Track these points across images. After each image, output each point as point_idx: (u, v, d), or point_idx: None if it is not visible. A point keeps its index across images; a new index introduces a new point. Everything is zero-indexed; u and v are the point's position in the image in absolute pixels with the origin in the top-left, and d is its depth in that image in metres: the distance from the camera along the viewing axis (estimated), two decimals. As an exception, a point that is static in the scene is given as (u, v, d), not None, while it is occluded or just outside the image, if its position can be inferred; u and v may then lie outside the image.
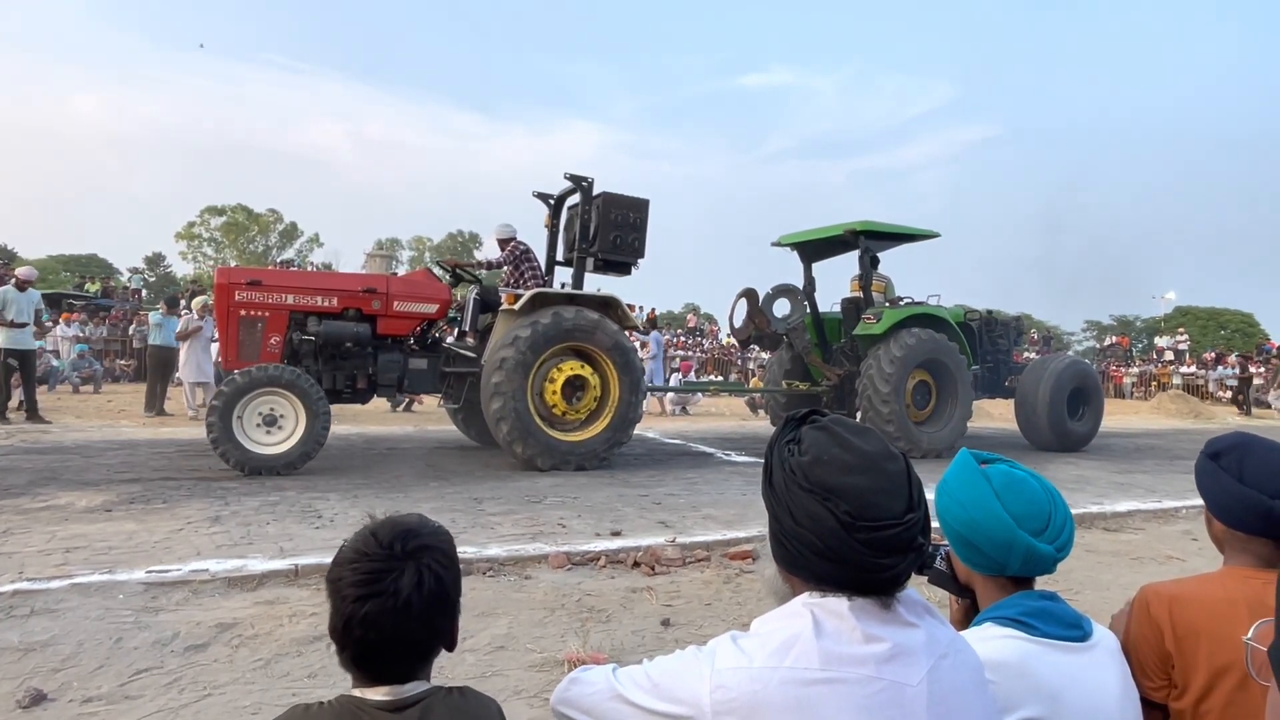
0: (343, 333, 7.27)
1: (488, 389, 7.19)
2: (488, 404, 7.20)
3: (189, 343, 11.25)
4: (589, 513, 5.48)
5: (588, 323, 7.52)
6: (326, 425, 6.78)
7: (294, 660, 2.96)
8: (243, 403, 6.49)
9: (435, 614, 1.12)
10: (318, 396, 6.68)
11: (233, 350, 7.02)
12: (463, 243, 55.85)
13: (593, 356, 7.70)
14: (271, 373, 6.60)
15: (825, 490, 0.99)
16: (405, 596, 1.09)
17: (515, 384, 7.12)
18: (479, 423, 8.54)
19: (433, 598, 1.11)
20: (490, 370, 7.19)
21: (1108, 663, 1.23)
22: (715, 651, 1.01)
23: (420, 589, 1.10)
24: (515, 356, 7.14)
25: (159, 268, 51.76)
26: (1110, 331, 46.23)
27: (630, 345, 7.94)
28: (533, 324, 7.27)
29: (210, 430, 6.40)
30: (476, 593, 3.73)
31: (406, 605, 1.09)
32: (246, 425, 6.55)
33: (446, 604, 1.14)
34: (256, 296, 7.06)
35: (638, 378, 7.83)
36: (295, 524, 4.86)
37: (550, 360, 7.52)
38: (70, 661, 2.86)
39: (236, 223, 49.82)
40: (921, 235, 10.28)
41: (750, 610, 3.64)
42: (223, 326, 7.13)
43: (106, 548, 4.22)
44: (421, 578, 1.10)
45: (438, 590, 1.12)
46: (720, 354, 23.92)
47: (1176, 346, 30.81)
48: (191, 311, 11.72)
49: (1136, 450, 11.00)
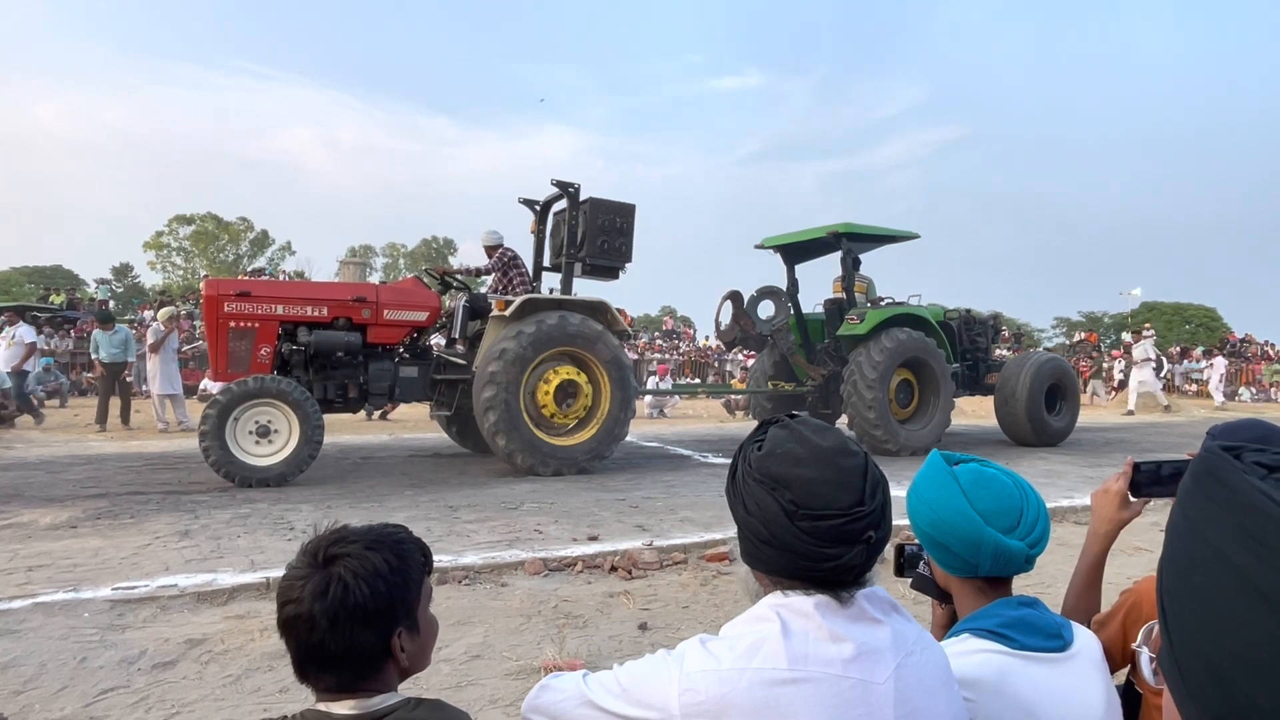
0: (334, 342, 7.22)
1: (482, 377, 7.19)
2: (479, 392, 7.19)
3: (158, 355, 11.05)
4: (566, 518, 5.46)
5: (592, 332, 7.58)
6: (317, 447, 6.75)
7: (265, 675, 2.91)
8: (240, 409, 6.44)
9: (347, 626, 1.07)
10: (316, 417, 6.66)
11: (223, 362, 6.95)
12: (437, 249, 55.47)
13: (590, 366, 7.73)
14: (265, 385, 6.54)
15: (773, 480, 1.01)
16: (308, 606, 1.07)
17: (511, 376, 7.14)
18: (470, 431, 8.55)
19: (339, 609, 1.06)
20: (488, 359, 7.20)
21: (1090, 673, 1.20)
22: (684, 655, 1.01)
23: (323, 599, 1.06)
24: (516, 349, 7.17)
25: (127, 278, 50.84)
26: (1079, 328, 47.05)
27: (628, 362, 7.99)
28: (539, 322, 7.31)
29: (202, 434, 6.35)
30: (452, 601, 3.70)
31: (310, 615, 1.06)
32: (239, 433, 6.49)
33: (361, 616, 1.07)
34: (246, 308, 7.00)
35: (630, 395, 7.86)
36: (266, 536, 4.79)
37: (547, 362, 7.55)
38: (33, 683, 2.79)
39: (206, 231, 48.99)
40: (902, 236, 10.44)
41: (727, 612, 3.64)
42: (212, 338, 7.03)
43: (71, 565, 4.12)
44: (328, 587, 1.07)
45: (344, 600, 1.06)
46: (697, 356, 23.97)
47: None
48: (158, 323, 11.52)
49: (1106, 444, 11.19)
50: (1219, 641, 0.46)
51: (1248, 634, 0.44)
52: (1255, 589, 0.44)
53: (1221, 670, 0.45)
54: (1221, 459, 0.50)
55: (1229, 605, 0.45)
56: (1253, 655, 0.43)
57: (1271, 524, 0.44)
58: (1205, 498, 0.50)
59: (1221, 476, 0.49)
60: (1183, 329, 46.10)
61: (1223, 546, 0.46)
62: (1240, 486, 0.47)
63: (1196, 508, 0.50)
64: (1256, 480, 0.46)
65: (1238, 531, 0.46)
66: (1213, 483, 0.49)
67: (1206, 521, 0.49)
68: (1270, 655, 0.42)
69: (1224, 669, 0.45)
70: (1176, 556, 0.51)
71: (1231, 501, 0.47)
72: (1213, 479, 0.50)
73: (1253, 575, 0.44)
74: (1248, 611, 0.44)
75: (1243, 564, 0.45)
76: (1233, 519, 0.46)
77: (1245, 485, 0.47)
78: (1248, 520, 0.45)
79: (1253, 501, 0.46)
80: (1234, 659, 0.44)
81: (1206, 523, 0.49)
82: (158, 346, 11.02)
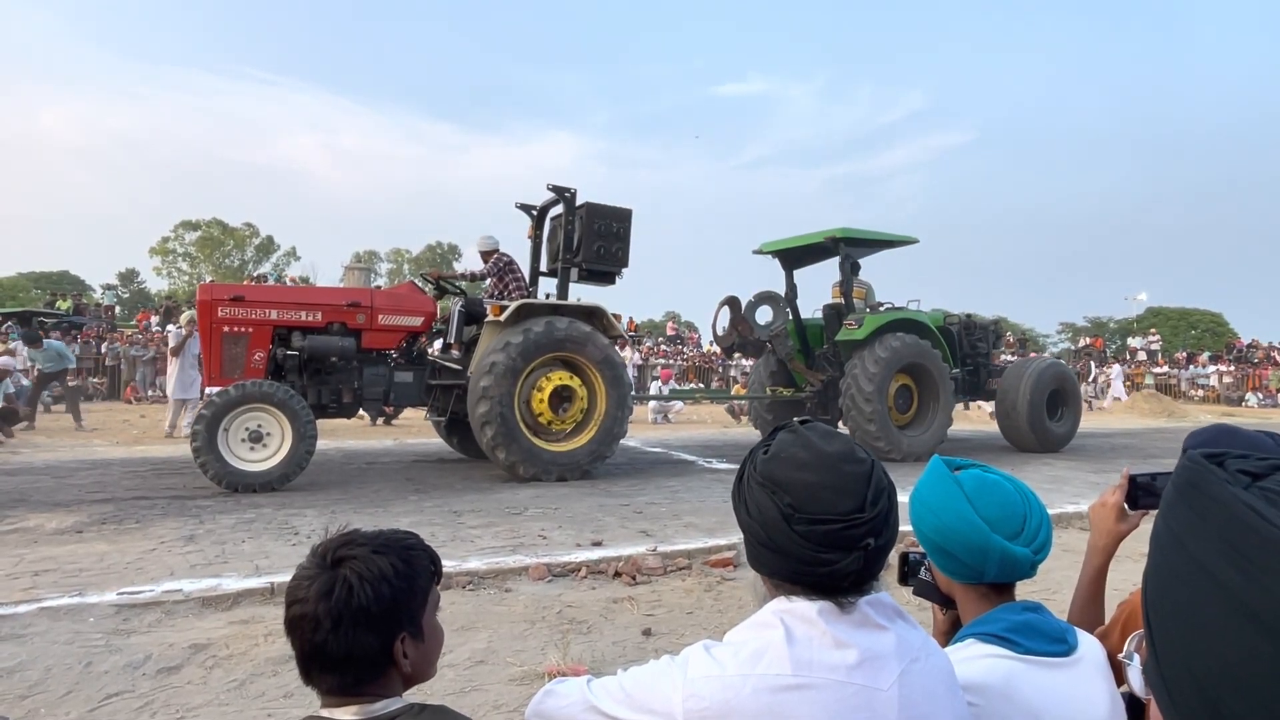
0: (328, 347, 7.22)
1: (475, 392, 7.16)
2: (474, 407, 7.17)
3: (177, 359, 11.03)
4: (570, 523, 5.46)
5: (580, 334, 7.54)
6: (313, 443, 6.74)
7: (269, 680, 2.92)
8: (229, 419, 6.43)
9: (350, 627, 1.07)
10: (305, 414, 6.65)
11: (216, 367, 6.95)
12: (441, 254, 55.56)
13: (582, 369, 7.71)
14: (259, 389, 6.55)
15: (774, 483, 1.02)
16: (312, 606, 1.07)
17: (503, 389, 7.11)
18: (464, 435, 8.53)
19: (343, 609, 1.07)
20: (479, 374, 7.17)
21: (1094, 677, 1.20)
22: (688, 660, 1.01)
23: (327, 599, 1.07)
24: (505, 362, 7.14)
25: (132, 284, 51.06)
26: (1084, 333, 46.90)
27: (620, 360, 7.96)
28: (525, 330, 7.28)
29: (194, 438, 6.35)
30: (456, 606, 3.70)
31: (314, 615, 1.07)
32: (231, 441, 6.49)
33: (364, 618, 1.08)
34: (240, 312, 7.00)
35: (625, 393, 7.83)
36: (271, 541, 4.80)
37: (539, 369, 7.53)
38: (38, 687, 2.80)
39: (211, 237, 49.21)
40: (901, 241, 10.42)
41: (732, 618, 3.63)
42: (206, 343, 7.05)
43: (77, 570, 4.13)
44: (333, 587, 1.08)
45: (347, 601, 1.07)
46: (701, 361, 23.96)
47: (1149, 347, 31.31)
48: (180, 326, 11.54)
49: (1112, 450, 11.15)
50: (1204, 658, 0.45)
51: (1233, 650, 0.43)
52: (1240, 605, 0.43)
53: (1207, 686, 0.44)
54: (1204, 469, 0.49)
55: (1214, 621, 0.44)
56: (1238, 672, 0.43)
57: (1255, 538, 0.43)
58: (1188, 509, 0.48)
59: (1204, 488, 0.47)
60: (1189, 334, 45.92)
61: (1207, 561, 0.45)
62: (1224, 498, 0.46)
63: (1180, 520, 0.49)
64: (1240, 491, 0.45)
65: (1222, 545, 0.44)
66: (1195, 494, 0.48)
67: (1190, 534, 0.47)
68: (1256, 672, 0.42)
69: (1210, 685, 0.44)
70: (1160, 570, 0.50)
71: (1215, 514, 0.46)
72: (1195, 491, 0.48)
73: (1237, 590, 0.43)
74: (1232, 628, 0.43)
75: (1227, 579, 0.44)
76: (1216, 532, 0.45)
77: (1229, 497, 0.45)
78: (1232, 534, 0.44)
79: (1236, 514, 0.44)
80: (1220, 675, 0.44)
81: (1190, 536, 0.47)
82: (178, 350, 10.99)
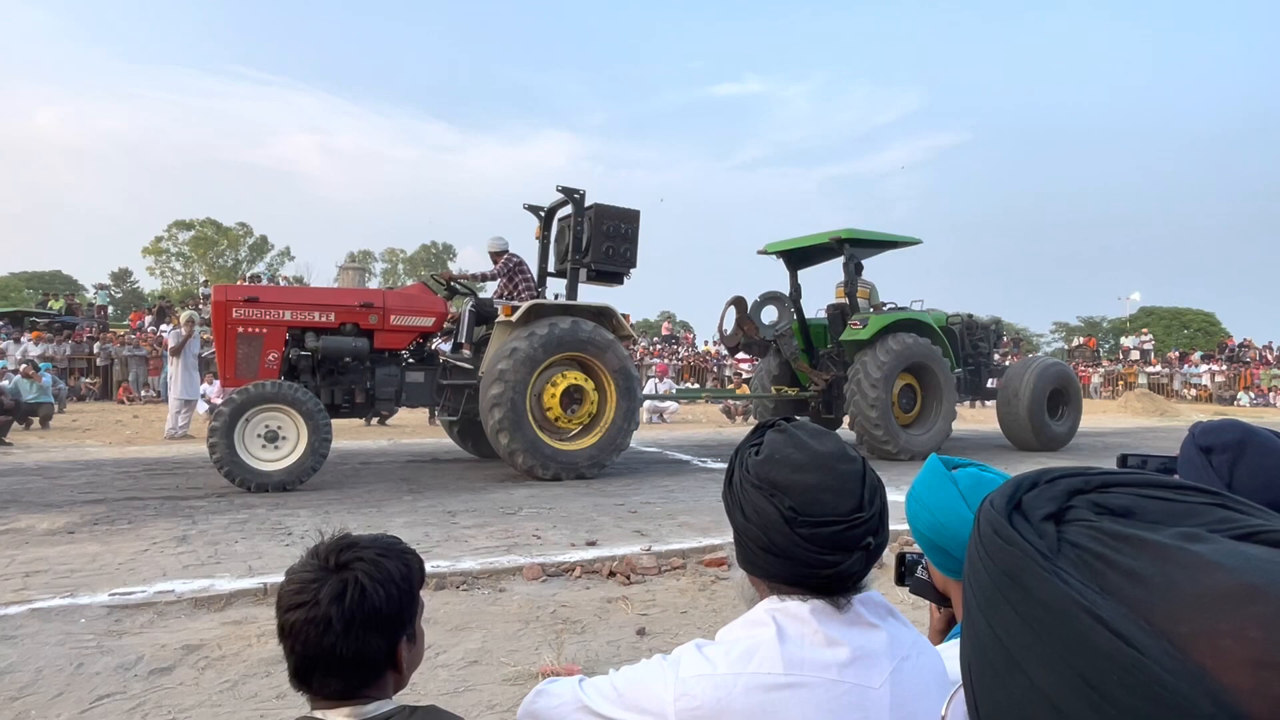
0: (341, 348, 7.25)
1: (490, 375, 7.21)
2: (487, 390, 7.20)
3: (179, 359, 10.97)
4: (564, 523, 5.45)
5: (603, 340, 7.62)
6: (327, 445, 6.75)
7: (262, 681, 2.91)
8: (249, 415, 6.45)
9: (361, 629, 1.07)
10: (320, 414, 6.67)
11: (231, 368, 6.97)
12: (436, 254, 55.45)
13: (597, 373, 7.76)
14: (275, 389, 6.57)
15: (772, 486, 1.00)
16: (324, 608, 1.07)
17: (519, 376, 7.17)
18: (473, 434, 8.59)
19: (356, 611, 1.07)
20: (498, 358, 7.22)
21: None
22: (680, 660, 1.00)
23: (340, 601, 1.07)
24: (527, 350, 7.20)
25: (126, 284, 50.83)
26: (1078, 333, 47.08)
27: (635, 374, 8.02)
28: (551, 324, 7.34)
29: (211, 435, 6.36)
30: (450, 607, 3.69)
31: (326, 618, 1.06)
32: (248, 439, 6.50)
33: (375, 620, 1.09)
34: (254, 314, 7.02)
35: (635, 406, 7.89)
36: (265, 542, 4.78)
37: (556, 366, 7.58)
38: (29, 689, 2.78)
39: (205, 237, 49.00)
40: (905, 242, 10.47)
41: (726, 617, 3.62)
42: (220, 344, 7.05)
43: (68, 570, 4.11)
44: (344, 590, 1.07)
45: (361, 603, 1.07)
46: (696, 361, 23.96)
47: (1142, 346, 31.43)
48: (179, 327, 11.49)
49: (1105, 449, 11.18)
50: None
51: None
52: None
53: None
54: (1019, 552, 0.37)
55: None
56: None
57: (1114, 669, 0.32)
58: (1014, 614, 0.37)
59: (1029, 585, 0.36)
60: (1181, 334, 46.10)
61: (1058, 699, 0.34)
62: (1061, 608, 0.35)
63: (1006, 626, 0.37)
64: (1078, 590, 0.35)
65: (1075, 681, 0.34)
66: (1020, 594, 0.37)
67: (1027, 654, 0.36)
68: None
69: None
70: (991, 690, 0.38)
71: (1055, 631, 0.35)
72: (1019, 589, 0.37)
73: None
74: None
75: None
76: (1063, 658, 0.34)
77: (1068, 606, 0.35)
78: (1082, 663, 0.33)
79: (1084, 633, 0.34)
80: None
81: (1027, 655, 0.36)
82: (178, 350, 10.94)
